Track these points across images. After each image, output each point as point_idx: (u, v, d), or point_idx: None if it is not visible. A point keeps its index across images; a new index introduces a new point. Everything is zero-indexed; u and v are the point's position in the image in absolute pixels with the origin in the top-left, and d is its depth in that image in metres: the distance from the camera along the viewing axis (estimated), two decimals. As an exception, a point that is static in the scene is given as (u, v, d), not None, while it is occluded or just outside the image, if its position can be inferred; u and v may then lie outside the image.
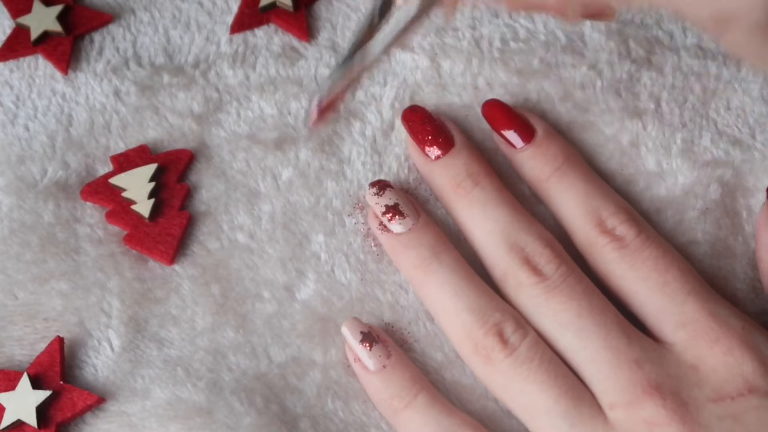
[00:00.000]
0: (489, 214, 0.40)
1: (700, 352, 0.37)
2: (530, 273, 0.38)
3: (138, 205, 0.42)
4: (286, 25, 0.46)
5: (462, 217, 0.40)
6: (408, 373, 0.39)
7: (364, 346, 0.39)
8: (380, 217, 0.40)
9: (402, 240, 0.40)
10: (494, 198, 0.40)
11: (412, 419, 0.38)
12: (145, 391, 0.40)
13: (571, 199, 0.40)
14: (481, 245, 0.40)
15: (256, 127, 0.44)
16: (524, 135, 0.41)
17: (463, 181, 0.40)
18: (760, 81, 0.44)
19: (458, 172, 0.41)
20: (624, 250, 0.39)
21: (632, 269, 0.39)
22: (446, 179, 0.41)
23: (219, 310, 0.41)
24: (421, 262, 0.39)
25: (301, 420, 0.39)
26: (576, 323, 0.37)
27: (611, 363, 0.37)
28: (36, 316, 0.41)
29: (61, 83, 0.45)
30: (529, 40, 0.45)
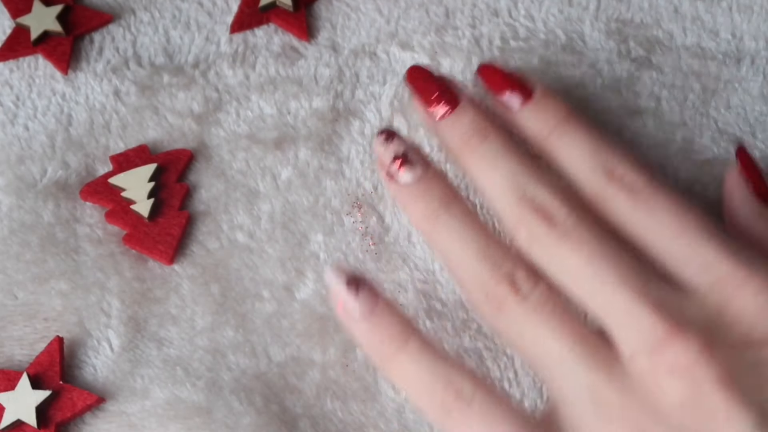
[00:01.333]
0: (498, 166, 0.38)
1: (726, 296, 0.35)
2: (541, 221, 0.37)
3: (137, 205, 0.42)
4: (286, 24, 0.46)
5: (472, 172, 0.39)
6: (397, 318, 0.37)
7: (351, 291, 0.37)
8: (388, 166, 0.39)
9: (411, 190, 0.39)
10: (502, 151, 0.39)
11: (404, 365, 0.36)
12: (145, 390, 0.40)
13: (576, 153, 0.38)
14: (492, 198, 0.38)
15: (256, 127, 0.44)
16: (522, 94, 0.40)
17: (471, 137, 0.39)
18: (760, 80, 0.44)
19: (465, 129, 0.39)
20: (637, 197, 0.37)
21: (648, 216, 0.37)
22: (454, 137, 0.40)
23: (218, 310, 0.41)
24: (431, 213, 0.38)
25: (301, 419, 0.39)
26: (590, 268, 0.36)
27: (629, 307, 0.34)
28: (36, 316, 0.41)
29: (60, 83, 0.45)
30: (529, 38, 0.45)
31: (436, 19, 0.46)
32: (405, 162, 0.39)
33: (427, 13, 0.46)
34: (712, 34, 0.45)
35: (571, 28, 0.46)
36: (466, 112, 0.40)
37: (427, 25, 0.46)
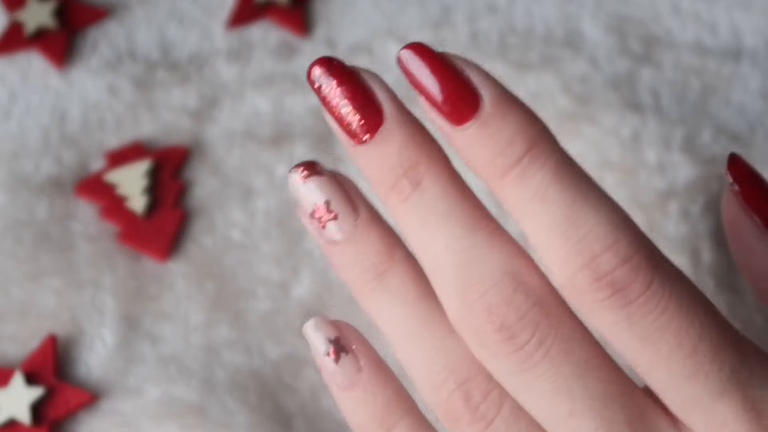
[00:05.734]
0: (433, 232, 0.27)
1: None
2: (496, 338, 0.26)
3: (132, 202, 0.42)
4: (282, 20, 0.46)
5: (403, 228, 0.28)
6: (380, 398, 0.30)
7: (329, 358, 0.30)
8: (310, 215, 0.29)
9: (339, 253, 0.29)
10: (440, 207, 0.27)
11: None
12: (139, 388, 0.39)
13: (542, 215, 0.26)
14: (430, 275, 0.28)
15: (251, 124, 0.44)
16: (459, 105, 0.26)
17: (398, 180, 0.27)
18: (759, 77, 0.44)
19: (392, 164, 0.27)
20: (630, 307, 0.26)
21: (644, 341, 0.26)
22: (377, 175, 0.28)
23: (213, 307, 0.41)
24: (363, 285, 0.29)
25: (296, 418, 0.39)
26: (568, 419, 0.27)
27: None
28: (29, 313, 0.41)
29: (55, 79, 0.45)
30: (528, 35, 0.45)
31: (433, 14, 0.46)
32: (329, 213, 0.29)
33: (424, 9, 0.46)
34: (711, 31, 0.45)
35: (570, 24, 0.45)
36: (392, 136, 0.27)
37: (424, 21, 0.46)
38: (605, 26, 0.45)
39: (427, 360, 0.28)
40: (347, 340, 0.30)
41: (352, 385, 0.30)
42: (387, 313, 0.28)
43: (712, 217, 0.42)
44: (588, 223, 0.26)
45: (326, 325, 0.30)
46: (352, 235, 0.28)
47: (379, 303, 0.29)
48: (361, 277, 0.29)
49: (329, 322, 0.30)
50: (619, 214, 0.26)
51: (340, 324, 0.30)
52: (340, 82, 0.28)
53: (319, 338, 0.30)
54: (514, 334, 0.26)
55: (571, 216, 0.26)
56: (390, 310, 0.28)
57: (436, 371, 0.28)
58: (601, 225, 0.26)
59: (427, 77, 0.27)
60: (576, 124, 0.43)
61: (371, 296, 0.29)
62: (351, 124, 0.28)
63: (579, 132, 0.43)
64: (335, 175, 0.29)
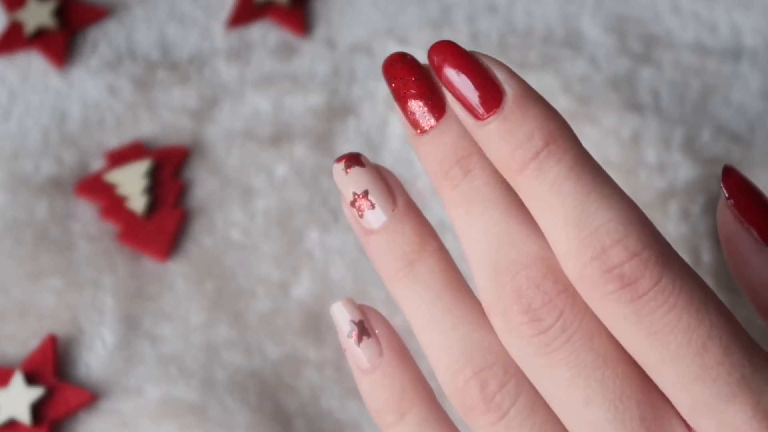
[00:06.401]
0: (475, 218, 0.29)
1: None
2: (522, 319, 0.27)
3: (132, 202, 0.42)
4: (281, 20, 0.46)
5: (450, 214, 0.30)
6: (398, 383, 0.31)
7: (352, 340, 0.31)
8: (351, 202, 0.30)
9: (374, 242, 0.30)
10: (485, 194, 0.29)
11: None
12: (138, 388, 0.39)
13: (557, 209, 0.27)
14: (468, 259, 0.29)
15: (251, 124, 0.44)
16: (486, 98, 0.28)
17: (452, 168, 0.29)
18: (759, 76, 0.44)
19: (447, 153, 0.29)
20: (638, 302, 0.26)
21: (652, 336, 0.26)
22: (434, 164, 0.29)
23: (213, 307, 0.41)
24: (394, 273, 0.30)
25: (296, 418, 0.39)
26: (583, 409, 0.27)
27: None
28: (29, 313, 0.41)
29: (55, 79, 0.45)
30: (528, 35, 0.45)
31: (433, 14, 0.46)
32: (367, 203, 0.30)
33: (424, 9, 0.46)
34: (711, 31, 0.45)
35: (570, 24, 0.45)
36: (450, 128, 0.29)
37: (423, 21, 0.46)
38: (605, 26, 0.45)
39: (448, 348, 0.29)
40: (371, 324, 0.31)
41: (372, 369, 0.30)
42: (413, 300, 0.29)
43: (712, 217, 0.42)
44: (601, 217, 0.27)
45: (352, 307, 0.31)
46: (388, 224, 0.30)
47: (407, 290, 0.29)
48: (392, 264, 0.30)
49: (355, 305, 0.31)
50: (633, 210, 0.27)
51: (365, 308, 0.31)
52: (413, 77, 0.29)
53: (344, 319, 0.31)
54: (539, 317, 0.27)
55: (584, 209, 0.27)
56: (416, 298, 0.29)
57: (454, 359, 0.28)
58: (612, 220, 0.27)
59: (454, 73, 0.28)
60: (576, 124, 0.43)
61: (400, 284, 0.30)
62: (416, 114, 0.29)
63: (579, 132, 0.43)
64: (377, 167, 0.31)
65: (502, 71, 0.28)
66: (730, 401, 0.26)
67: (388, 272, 0.30)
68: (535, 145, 0.27)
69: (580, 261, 0.27)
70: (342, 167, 0.30)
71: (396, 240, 0.30)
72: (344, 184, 0.30)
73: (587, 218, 0.27)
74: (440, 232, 0.41)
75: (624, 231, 0.26)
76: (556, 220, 0.27)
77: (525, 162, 0.27)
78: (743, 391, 0.26)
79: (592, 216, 0.27)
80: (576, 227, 0.27)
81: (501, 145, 0.28)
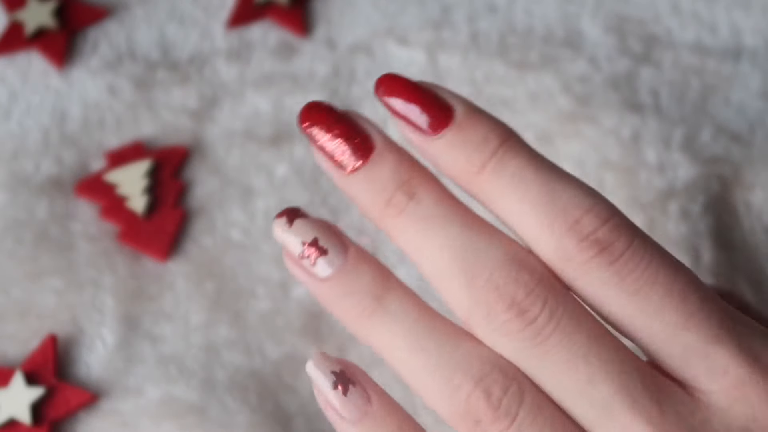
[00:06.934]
0: (432, 235, 0.29)
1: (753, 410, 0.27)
2: (507, 315, 0.27)
3: (132, 202, 0.42)
4: (282, 20, 0.46)
5: (400, 241, 0.30)
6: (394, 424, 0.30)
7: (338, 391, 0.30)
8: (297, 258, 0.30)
9: (331, 287, 0.29)
10: (437, 211, 0.29)
11: None
12: (138, 388, 0.39)
13: (522, 195, 0.28)
14: (431, 277, 0.29)
15: (251, 124, 0.44)
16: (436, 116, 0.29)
17: (393, 195, 0.29)
18: (759, 76, 0.44)
19: (384, 183, 0.29)
20: (617, 264, 0.27)
21: (636, 294, 0.28)
22: (371, 196, 0.30)
23: (213, 307, 0.41)
24: (360, 313, 0.29)
25: (295, 418, 0.39)
26: (588, 388, 0.27)
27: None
28: (29, 313, 0.41)
29: (55, 79, 0.45)
30: (528, 35, 0.45)
31: (433, 14, 0.46)
32: (317, 251, 0.30)
33: (424, 9, 0.46)
34: (711, 31, 0.45)
35: (570, 24, 0.45)
36: (383, 160, 0.30)
37: (424, 21, 0.46)
38: (605, 26, 0.45)
39: (439, 368, 0.28)
40: (351, 373, 0.30)
41: (362, 416, 0.29)
42: (388, 334, 0.29)
43: (712, 216, 0.42)
44: (566, 194, 0.28)
45: (328, 359, 0.30)
46: (344, 267, 0.29)
47: (379, 326, 0.29)
48: (357, 305, 0.29)
49: (331, 357, 0.30)
50: (591, 189, 0.28)
51: (340, 359, 0.30)
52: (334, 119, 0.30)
53: (323, 373, 0.30)
54: (524, 309, 0.27)
55: (549, 190, 0.28)
56: (391, 331, 0.29)
57: (449, 377, 0.28)
58: (577, 195, 0.28)
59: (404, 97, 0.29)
60: (576, 124, 0.43)
61: (371, 322, 0.29)
62: (343, 155, 0.30)
63: (579, 132, 0.43)
64: (318, 218, 0.30)
65: (447, 91, 0.30)
66: (715, 342, 0.27)
67: (354, 314, 0.29)
68: (490, 145, 0.29)
69: (555, 236, 0.28)
70: (283, 222, 0.30)
71: (357, 280, 0.29)
72: (289, 237, 0.30)
73: (554, 197, 0.28)
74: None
75: (591, 201, 0.28)
76: (523, 206, 0.28)
77: (484, 162, 0.29)
78: (725, 332, 0.27)
79: (558, 194, 0.28)
80: (545, 206, 0.28)
81: (457, 154, 0.29)
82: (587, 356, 0.27)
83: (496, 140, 0.29)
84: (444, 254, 0.28)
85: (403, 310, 0.29)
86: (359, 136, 0.30)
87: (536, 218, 0.28)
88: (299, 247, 0.30)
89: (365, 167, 0.30)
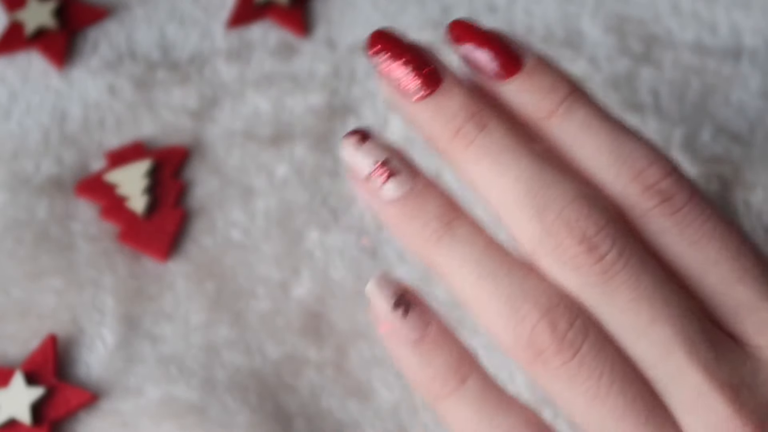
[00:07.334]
0: (504, 167, 0.29)
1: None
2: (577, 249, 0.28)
3: (132, 202, 0.42)
4: (282, 20, 0.46)
5: (468, 175, 0.29)
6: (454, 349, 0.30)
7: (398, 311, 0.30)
8: (366, 178, 0.30)
9: (400, 208, 0.29)
10: (508, 144, 0.29)
11: (457, 410, 0.29)
12: (139, 388, 0.39)
13: (590, 140, 0.29)
14: (500, 210, 0.29)
15: (251, 124, 0.44)
16: (507, 62, 0.30)
17: (463, 125, 0.29)
18: (759, 76, 0.44)
19: (454, 113, 0.29)
20: (678, 215, 0.28)
21: (694, 245, 0.28)
22: (439, 126, 0.29)
23: (213, 307, 0.41)
24: (428, 237, 0.29)
25: (296, 418, 0.39)
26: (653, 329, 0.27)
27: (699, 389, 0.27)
28: (29, 313, 0.41)
29: (55, 79, 0.45)
30: (528, 35, 0.45)
31: (433, 14, 0.46)
32: (388, 171, 0.30)
33: (424, 9, 0.46)
34: (711, 31, 0.45)
35: (570, 24, 0.45)
36: (453, 91, 0.30)
37: (423, 21, 0.46)
38: (605, 26, 0.45)
39: (507, 296, 0.28)
40: (412, 296, 0.30)
41: (421, 338, 0.30)
42: (457, 259, 0.29)
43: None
44: (632, 145, 0.29)
45: (389, 281, 0.30)
46: (413, 189, 0.29)
47: (448, 251, 0.29)
48: (425, 228, 0.29)
49: (392, 279, 0.30)
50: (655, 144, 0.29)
51: (401, 282, 0.30)
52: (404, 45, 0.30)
53: (383, 294, 0.30)
54: (595, 245, 0.28)
55: (615, 140, 0.29)
56: (460, 257, 0.29)
57: (516, 306, 0.28)
58: (642, 147, 0.29)
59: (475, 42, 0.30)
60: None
61: (438, 246, 0.29)
62: (410, 82, 0.30)
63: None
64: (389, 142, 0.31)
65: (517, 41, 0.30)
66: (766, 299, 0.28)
67: (421, 238, 0.29)
68: (559, 93, 0.30)
69: (620, 183, 0.29)
70: (354, 141, 0.30)
71: (426, 204, 0.29)
72: (359, 156, 0.30)
73: (620, 146, 0.29)
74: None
75: (655, 155, 0.29)
76: (591, 151, 0.29)
77: (552, 109, 0.29)
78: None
79: (625, 144, 0.29)
80: (612, 154, 0.29)
81: (525, 99, 0.30)
82: (651, 298, 0.27)
83: (565, 89, 0.30)
84: (515, 186, 0.28)
85: (472, 236, 0.29)
86: (428, 66, 0.30)
87: (603, 164, 0.29)
88: (368, 167, 0.30)
89: (434, 96, 0.30)
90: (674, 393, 0.27)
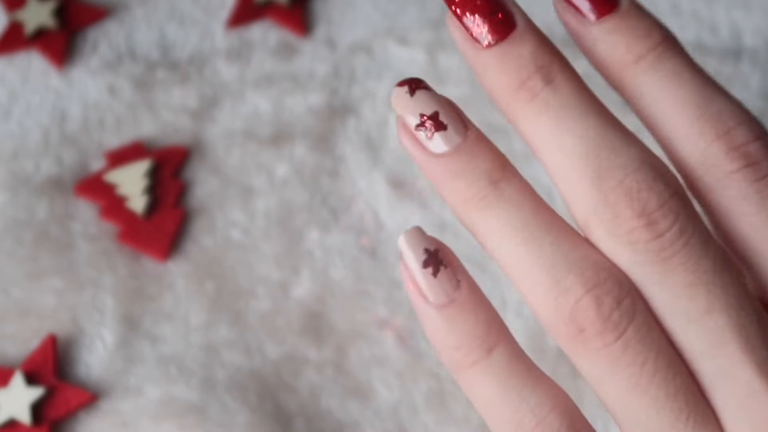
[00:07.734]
0: (566, 125, 0.27)
1: None
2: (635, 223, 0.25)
3: (132, 202, 0.42)
4: (281, 20, 0.46)
5: (528, 129, 0.27)
6: (482, 315, 0.27)
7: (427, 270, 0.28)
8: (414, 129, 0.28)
9: (445, 164, 0.27)
10: (574, 101, 0.27)
11: (482, 382, 0.27)
12: (138, 388, 0.39)
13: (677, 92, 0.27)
14: (556, 171, 0.27)
15: (251, 124, 0.44)
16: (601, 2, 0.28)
17: (530, 77, 0.27)
18: (759, 75, 0.44)
19: (522, 64, 0.27)
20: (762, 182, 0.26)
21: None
22: (504, 76, 0.28)
23: (213, 307, 0.41)
24: (473, 195, 0.27)
25: (295, 418, 0.39)
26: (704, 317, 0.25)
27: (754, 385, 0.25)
28: (29, 313, 0.41)
29: (55, 79, 0.45)
30: (528, 35, 0.45)
31: (432, 14, 0.46)
32: (437, 124, 0.28)
33: (424, 9, 0.46)
34: (711, 31, 0.45)
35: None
36: (524, 40, 0.28)
37: (423, 21, 0.46)
38: (605, 26, 0.45)
39: (551, 266, 0.26)
40: (445, 255, 0.28)
41: (450, 302, 0.27)
42: (501, 221, 0.27)
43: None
44: (721, 102, 0.27)
45: (423, 236, 0.28)
46: (462, 145, 0.27)
47: (492, 212, 0.27)
48: (471, 186, 0.27)
49: (425, 234, 0.28)
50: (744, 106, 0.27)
51: (435, 239, 0.28)
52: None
53: (416, 250, 0.28)
54: (654, 220, 0.25)
55: (704, 95, 0.27)
56: (506, 219, 0.27)
57: (560, 277, 0.26)
58: (732, 105, 0.27)
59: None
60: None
61: (482, 205, 0.27)
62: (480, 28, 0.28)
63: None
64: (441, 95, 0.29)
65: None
66: None
67: (465, 196, 0.27)
68: (652, 38, 0.27)
69: (704, 140, 0.26)
70: (405, 90, 0.28)
71: (474, 160, 0.27)
72: (409, 106, 0.28)
73: (709, 101, 0.27)
74: (440, 233, 0.41)
75: (745, 116, 0.27)
76: (676, 103, 0.27)
77: (643, 53, 0.27)
78: None
79: (714, 100, 0.27)
80: (699, 109, 0.27)
81: (617, 40, 0.28)
82: (710, 284, 0.25)
83: (660, 35, 0.28)
84: (576, 148, 0.26)
85: (520, 199, 0.27)
86: (501, 12, 0.28)
87: (687, 119, 0.27)
88: (417, 118, 0.28)
89: (503, 44, 0.28)
90: (722, 389, 0.25)
